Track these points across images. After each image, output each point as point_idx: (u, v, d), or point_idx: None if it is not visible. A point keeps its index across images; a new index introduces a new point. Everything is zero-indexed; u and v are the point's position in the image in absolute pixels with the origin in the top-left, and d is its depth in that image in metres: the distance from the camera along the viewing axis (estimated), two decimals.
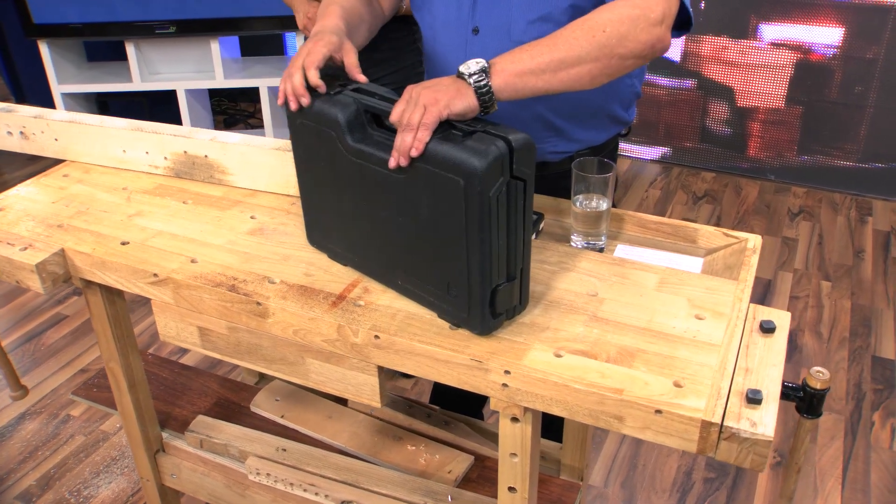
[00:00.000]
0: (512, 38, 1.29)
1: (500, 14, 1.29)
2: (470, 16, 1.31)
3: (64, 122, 1.55)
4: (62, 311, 2.62)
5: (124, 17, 3.22)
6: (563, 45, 1.07)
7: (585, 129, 1.43)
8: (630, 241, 1.32)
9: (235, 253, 1.26)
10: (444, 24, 1.36)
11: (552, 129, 1.40)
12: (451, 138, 0.98)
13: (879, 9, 2.95)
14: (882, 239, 2.94)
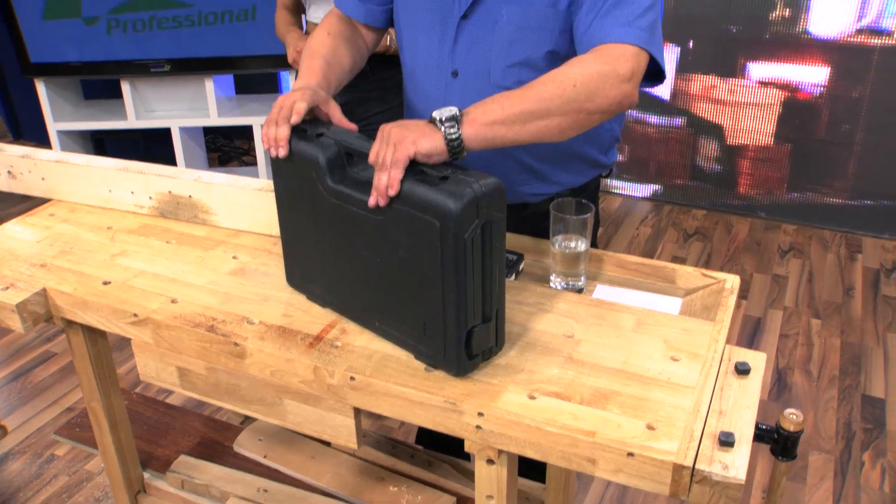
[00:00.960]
0: (491, 81, 1.31)
1: (480, 58, 1.31)
2: (450, 59, 1.33)
3: (51, 161, 1.57)
4: (51, 348, 2.62)
5: (120, 56, 3.26)
6: (534, 97, 1.09)
7: (565, 172, 1.44)
8: (610, 282, 1.33)
9: (216, 293, 1.27)
10: (424, 67, 1.38)
11: (531, 171, 1.41)
12: (427, 181, 0.99)
13: (863, 49, 2.99)
14: (871, 276, 2.95)
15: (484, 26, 1.29)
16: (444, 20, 1.32)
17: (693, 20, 3.22)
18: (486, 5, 1.28)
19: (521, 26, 1.27)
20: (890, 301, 2.79)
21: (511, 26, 1.27)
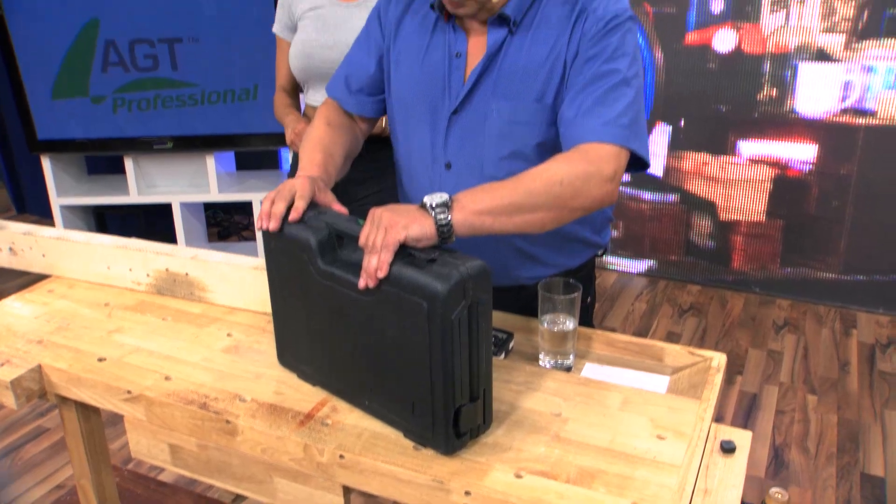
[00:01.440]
0: (484, 173, 1.35)
1: (472, 151, 1.35)
2: (442, 152, 1.37)
3: (52, 238, 1.60)
4: (44, 423, 2.61)
5: (124, 134, 3.34)
6: (523, 191, 1.14)
7: (560, 254, 1.47)
8: (599, 360, 1.35)
9: (210, 370, 1.28)
10: (418, 159, 1.42)
11: (527, 256, 1.44)
12: (416, 263, 1.02)
13: (849, 128, 3.07)
14: (867, 351, 2.95)
15: (475, 121, 1.33)
16: (436, 115, 1.36)
17: (684, 100, 3.30)
18: (477, 101, 1.32)
19: (510, 121, 1.31)
20: (886, 377, 2.79)
21: (501, 121, 1.31)
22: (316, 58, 1.95)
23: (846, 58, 3.00)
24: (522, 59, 1.29)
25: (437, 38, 1.36)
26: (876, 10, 2.91)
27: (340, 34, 1.92)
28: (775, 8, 3.05)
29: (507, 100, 1.30)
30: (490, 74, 1.31)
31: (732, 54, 3.17)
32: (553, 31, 1.28)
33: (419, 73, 1.37)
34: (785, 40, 3.08)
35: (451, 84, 1.34)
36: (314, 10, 1.97)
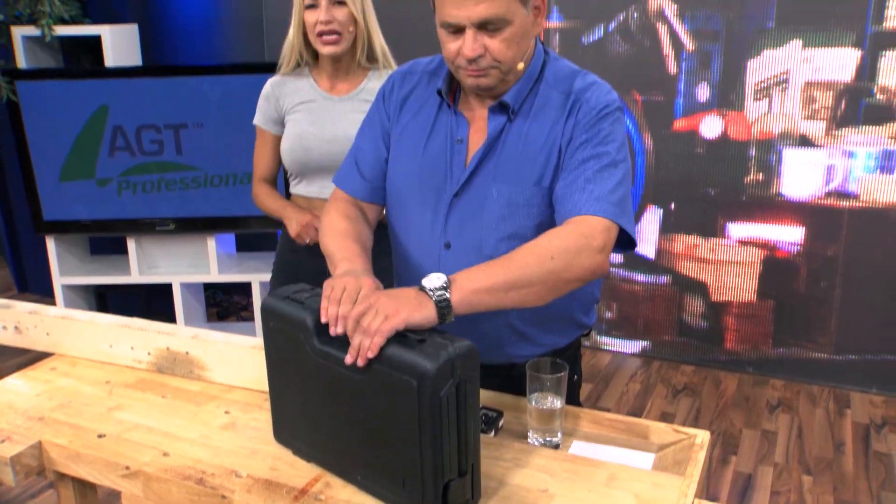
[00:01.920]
0: (483, 253, 1.40)
1: (472, 232, 1.41)
2: (443, 233, 1.43)
3: (57, 318, 1.65)
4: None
5: (128, 215, 3.42)
6: (516, 268, 1.20)
7: (550, 334, 1.52)
8: (586, 438, 1.38)
9: (207, 447, 1.31)
10: (417, 240, 1.47)
11: (520, 334, 1.48)
12: (405, 343, 1.07)
13: (834, 211, 3.15)
14: (862, 432, 2.96)
15: (475, 203, 1.40)
16: (437, 197, 1.43)
17: (673, 184, 3.40)
18: (478, 184, 1.40)
19: (510, 203, 1.38)
20: (882, 458, 2.79)
21: (501, 203, 1.38)
22: (315, 151, 1.98)
23: (828, 143, 3.11)
24: (521, 145, 1.37)
25: (441, 124, 1.44)
26: (853, 99, 3.03)
27: (339, 128, 1.97)
28: (758, 96, 3.18)
29: (507, 183, 1.38)
30: (490, 159, 1.39)
31: (719, 140, 3.28)
32: (549, 119, 1.37)
33: (422, 157, 1.44)
34: (769, 127, 3.19)
35: (452, 168, 1.41)
36: (305, 103, 2.00)
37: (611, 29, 3.34)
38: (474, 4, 1.26)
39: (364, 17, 1.93)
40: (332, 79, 2.01)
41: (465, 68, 1.34)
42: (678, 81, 3.28)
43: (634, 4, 3.27)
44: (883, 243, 3.12)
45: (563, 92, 1.39)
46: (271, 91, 2.04)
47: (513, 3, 1.28)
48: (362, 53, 1.98)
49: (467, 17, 1.28)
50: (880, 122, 3.02)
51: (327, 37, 1.90)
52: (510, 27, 1.30)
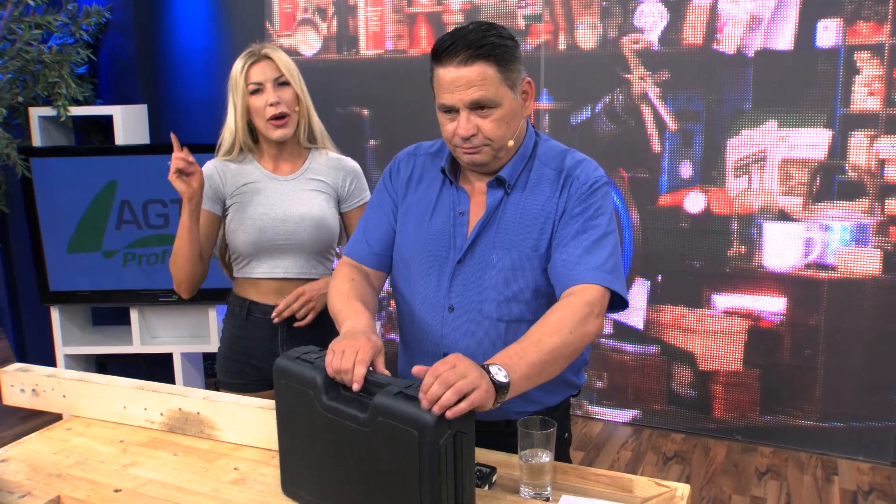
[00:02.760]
0: (484, 315, 1.54)
1: (474, 296, 1.54)
2: (446, 296, 1.56)
3: (74, 380, 1.75)
4: None
5: (132, 286, 3.53)
6: (547, 352, 1.34)
7: (545, 392, 1.62)
8: (574, 492, 1.46)
9: (218, 499, 1.40)
10: (422, 303, 1.59)
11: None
12: (407, 398, 1.17)
13: (814, 282, 3.29)
14: (849, 499, 3.02)
15: (477, 268, 1.54)
16: (441, 264, 1.56)
17: (659, 257, 3.53)
18: (478, 251, 1.54)
19: (509, 268, 1.52)
20: None
21: (501, 268, 1.52)
22: (269, 231, 1.99)
23: (805, 217, 3.26)
24: (518, 215, 1.53)
25: (444, 198, 1.59)
26: (827, 176, 3.20)
27: (290, 207, 2.00)
28: (738, 173, 3.34)
29: (506, 250, 1.52)
30: (490, 228, 1.54)
31: (702, 215, 3.44)
32: (544, 193, 1.53)
33: (427, 229, 1.58)
34: (749, 202, 3.35)
35: (455, 237, 1.56)
36: (249, 184, 2.02)
37: (598, 110, 3.53)
38: (466, 89, 1.43)
39: (305, 99, 2.00)
40: (275, 160, 2.05)
41: (460, 146, 1.49)
42: (662, 159, 3.46)
43: (619, 87, 3.46)
44: (862, 312, 3.24)
45: (554, 168, 1.55)
46: (215, 171, 2.04)
47: (501, 87, 1.44)
48: (304, 134, 2.03)
49: (461, 100, 1.44)
50: (853, 197, 3.18)
51: (278, 121, 1.95)
52: (499, 109, 1.46)
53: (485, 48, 1.42)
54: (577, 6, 3.48)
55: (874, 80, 3.07)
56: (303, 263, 2.03)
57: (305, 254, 2.03)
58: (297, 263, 2.03)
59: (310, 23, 3.93)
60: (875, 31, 3.04)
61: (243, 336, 2.08)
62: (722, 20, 3.27)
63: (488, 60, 1.43)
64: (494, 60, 1.43)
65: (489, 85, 1.43)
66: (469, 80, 1.43)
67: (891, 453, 3.28)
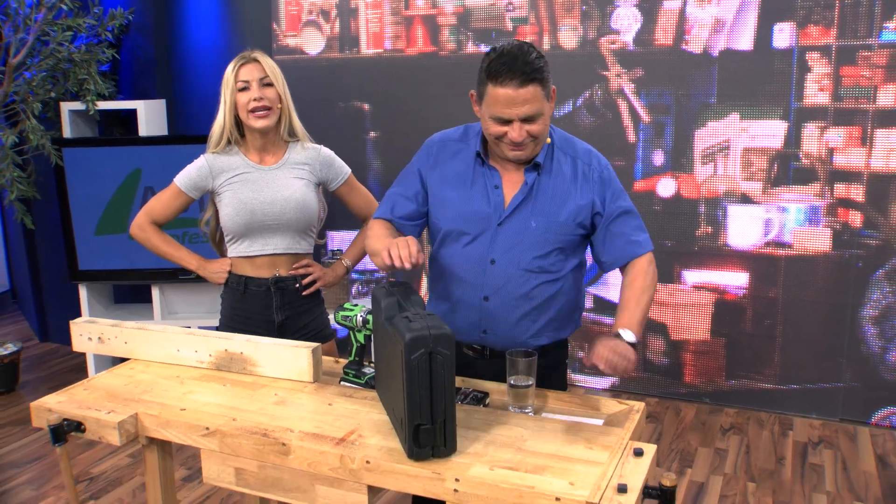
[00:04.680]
0: (520, 267, 1.91)
1: (514, 252, 1.91)
2: (489, 251, 1.93)
3: (134, 328, 2.09)
4: None
5: (154, 265, 3.86)
6: (646, 305, 1.90)
7: (555, 331, 2.00)
8: (552, 411, 1.81)
9: (265, 415, 1.74)
10: (466, 258, 1.95)
11: (540, 330, 1.98)
12: (409, 320, 1.51)
13: (773, 258, 3.65)
14: (801, 448, 3.39)
15: (516, 230, 1.91)
16: (485, 226, 1.92)
17: None
18: (518, 217, 1.91)
19: (546, 231, 1.91)
20: (815, 468, 3.22)
21: (539, 231, 1.91)
22: (258, 212, 2.26)
23: (765, 200, 3.63)
24: (551, 191, 1.93)
25: (478, 175, 1.96)
26: (783, 163, 3.56)
27: (275, 192, 2.28)
28: (705, 161, 3.71)
29: (544, 217, 1.91)
30: (530, 199, 1.92)
31: (673, 198, 3.80)
32: (565, 174, 1.94)
33: (469, 197, 1.94)
34: (715, 187, 3.71)
35: (494, 204, 1.92)
36: (238, 175, 2.28)
37: (578, 104, 3.88)
38: (521, 106, 1.79)
39: (286, 98, 2.30)
40: (260, 152, 2.32)
41: (507, 144, 1.86)
42: (637, 148, 3.81)
43: (598, 83, 3.82)
44: (815, 286, 3.61)
45: (568, 154, 1.96)
46: (207, 166, 2.31)
47: (544, 101, 1.83)
48: (285, 129, 2.33)
49: (517, 115, 1.80)
50: (806, 182, 3.55)
51: (260, 112, 2.22)
52: (543, 116, 1.84)
53: (535, 72, 1.78)
54: (559, 10, 3.83)
55: (823, 77, 3.44)
56: (289, 240, 2.34)
57: (291, 231, 2.33)
58: (284, 240, 2.33)
59: (314, 24, 4.27)
60: (823, 33, 3.41)
61: (242, 308, 2.37)
62: (690, 23, 3.62)
63: (537, 83, 1.79)
64: (540, 82, 1.79)
65: (539, 101, 1.80)
66: (525, 99, 1.78)
67: (839, 410, 3.66)
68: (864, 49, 3.36)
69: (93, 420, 1.76)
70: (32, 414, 1.84)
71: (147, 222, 2.40)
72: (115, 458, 3.38)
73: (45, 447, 3.49)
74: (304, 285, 2.35)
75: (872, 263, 3.51)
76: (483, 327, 1.95)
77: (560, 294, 1.95)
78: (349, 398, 1.83)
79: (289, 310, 2.32)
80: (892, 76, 3.35)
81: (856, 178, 3.47)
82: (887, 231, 3.46)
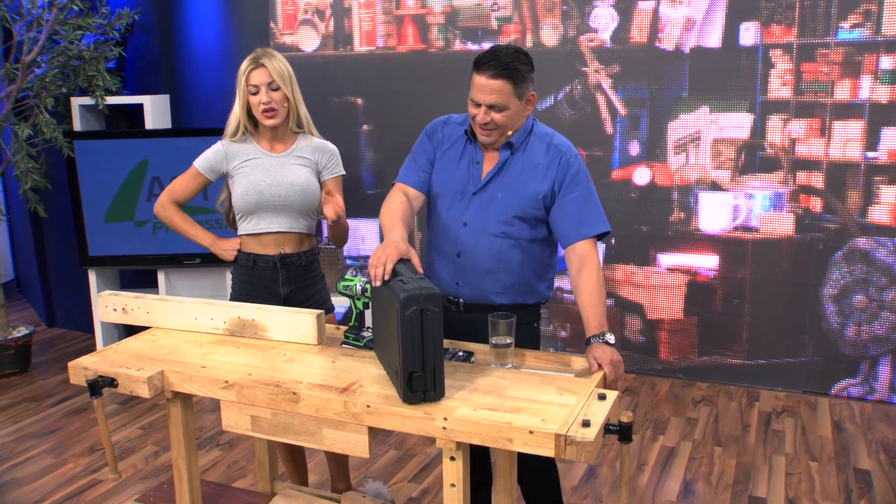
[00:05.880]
0: (488, 231, 2.19)
1: (483, 217, 2.20)
2: (463, 215, 2.21)
3: (155, 300, 2.32)
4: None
5: (160, 251, 4.09)
6: (603, 297, 2.15)
7: (522, 294, 2.26)
8: (529, 367, 2.06)
9: (277, 370, 1.98)
10: (446, 220, 2.24)
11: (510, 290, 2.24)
12: (403, 283, 1.76)
13: (741, 242, 3.91)
14: (765, 417, 3.66)
15: (486, 200, 2.20)
16: (463, 194, 2.22)
17: (613, 222, 4.05)
18: (489, 189, 2.20)
19: (509, 201, 2.18)
20: (777, 434, 3.49)
21: (504, 202, 2.18)
22: (267, 194, 2.51)
23: (733, 188, 3.89)
24: (518, 170, 2.19)
25: (466, 151, 2.25)
26: (750, 153, 3.83)
27: (282, 176, 2.53)
28: (678, 151, 3.96)
29: (510, 191, 2.18)
30: (499, 175, 2.20)
31: (648, 186, 4.05)
32: (538, 159, 2.20)
33: (455, 169, 2.24)
34: (687, 175, 3.97)
35: (472, 177, 2.21)
36: (249, 160, 2.54)
37: (559, 98, 4.13)
38: (488, 94, 2.08)
39: (293, 96, 2.55)
40: (271, 141, 2.57)
41: (478, 127, 2.15)
42: (614, 139, 4.07)
43: (578, 79, 4.07)
44: (780, 267, 3.88)
45: (544, 143, 2.22)
46: (223, 150, 2.57)
47: (512, 98, 2.09)
48: (293, 122, 2.59)
49: (484, 101, 2.09)
50: (771, 170, 3.81)
51: (269, 113, 2.50)
52: (508, 110, 2.11)
53: (507, 71, 2.05)
54: (541, 10, 4.07)
55: (786, 73, 3.70)
56: (292, 220, 2.58)
57: (294, 212, 2.58)
58: (288, 220, 2.57)
59: (309, 23, 4.50)
60: (785, 32, 3.67)
61: (251, 282, 2.62)
62: (663, 22, 3.88)
63: (507, 80, 2.05)
64: (511, 81, 2.06)
65: (504, 96, 2.07)
66: (492, 89, 2.06)
67: (802, 383, 3.93)
68: (822, 47, 3.62)
69: (124, 376, 2.00)
70: (70, 372, 2.08)
71: (169, 201, 2.63)
72: (126, 430, 3.61)
73: (59, 421, 3.72)
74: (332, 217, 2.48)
75: (831, 246, 3.77)
76: (456, 280, 2.24)
77: (525, 261, 2.22)
78: (350, 357, 2.08)
79: (294, 284, 2.56)
80: (848, 72, 3.61)
81: (816, 167, 3.74)
82: (845, 216, 3.73)
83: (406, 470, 3.23)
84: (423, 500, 2.99)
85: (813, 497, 2.96)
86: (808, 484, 3.06)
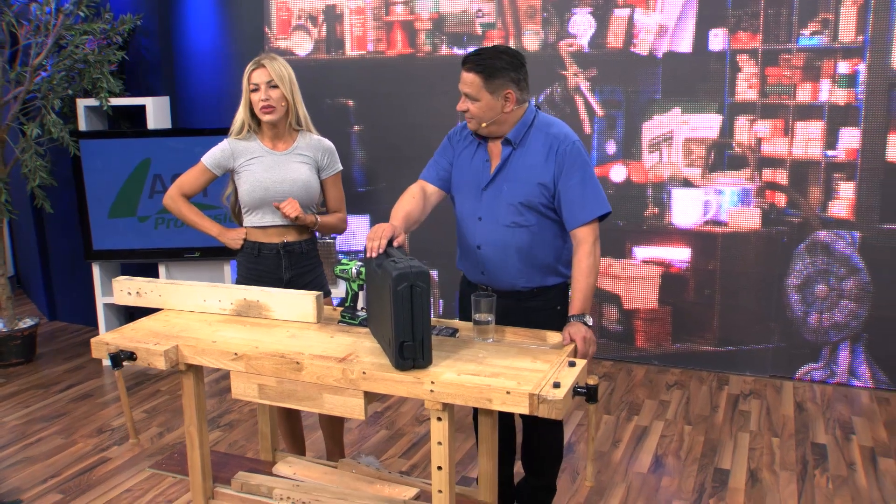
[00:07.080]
0: (499, 223, 2.42)
1: (493, 210, 2.42)
2: (476, 209, 2.45)
3: (167, 284, 2.54)
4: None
5: (162, 245, 4.29)
6: (593, 283, 2.33)
7: (542, 275, 2.49)
8: (509, 343, 2.29)
9: (281, 344, 2.20)
10: (464, 214, 2.49)
11: (530, 272, 2.46)
12: (395, 262, 1.98)
13: (711, 235, 4.16)
14: (733, 399, 3.90)
15: (496, 193, 2.42)
16: (476, 191, 2.44)
17: None
18: (497, 183, 2.42)
19: (515, 193, 2.39)
20: (743, 413, 3.73)
21: (510, 193, 2.40)
22: (271, 190, 2.72)
23: (703, 184, 4.13)
24: (520, 163, 2.41)
25: (478, 152, 2.47)
26: (719, 151, 4.07)
27: (285, 173, 2.74)
28: (652, 150, 4.20)
29: (514, 182, 2.40)
30: (504, 170, 2.42)
31: (624, 183, 4.29)
32: (538, 150, 2.40)
33: (468, 169, 2.48)
34: (660, 172, 4.21)
35: (482, 174, 2.44)
36: (254, 158, 2.74)
37: (540, 100, 4.36)
38: (462, 85, 2.33)
39: (292, 95, 2.77)
40: (273, 140, 2.78)
41: (464, 116, 2.39)
42: (592, 139, 4.30)
43: (557, 82, 4.30)
44: (747, 259, 4.12)
45: (544, 133, 2.42)
46: (229, 148, 2.77)
47: (482, 91, 2.32)
48: (292, 120, 2.80)
49: (460, 89, 2.34)
50: (739, 168, 4.06)
51: (266, 109, 2.71)
52: (479, 102, 2.33)
53: (479, 66, 2.29)
54: (523, 16, 4.31)
55: (752, 76, 3.95)
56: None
57: None
58: None
59: (303, 28, 4.72)
60: (751, 38, 3.91)
61: (255, 268, 2.83)
62: (637, 28, 4.12)
63: (478, 73, 2.29)
64: (482, 74, 2.29)
65: (474, 87, 2.31)
66: (465, 81, 2.32)
67: (768, 368, 4.18)
68: (784, 52, 3.88)
69: (143, 350, 2.21)
70: (93, 347, 2.29)
71: (177, 194, 2.83)
72: (132, 412, 3.82)
73: (66, 406, 3.92)
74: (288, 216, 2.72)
75: (795, 238, 4.02)
76: (480, 269, 2.48)
77: (538, 246, 2.42)
78: (347, 333, 2.30)
79: (295, 269, 2.78)
80: (809, 76, 3.86)
81: (780, 165, 3.99)
82: (807, 210, 3.98)
83: (396, 447, 3.45)
84: (413, 473, 3.21)
85: (773, 468, 3.21)
86: (768, 457, 3.30)
